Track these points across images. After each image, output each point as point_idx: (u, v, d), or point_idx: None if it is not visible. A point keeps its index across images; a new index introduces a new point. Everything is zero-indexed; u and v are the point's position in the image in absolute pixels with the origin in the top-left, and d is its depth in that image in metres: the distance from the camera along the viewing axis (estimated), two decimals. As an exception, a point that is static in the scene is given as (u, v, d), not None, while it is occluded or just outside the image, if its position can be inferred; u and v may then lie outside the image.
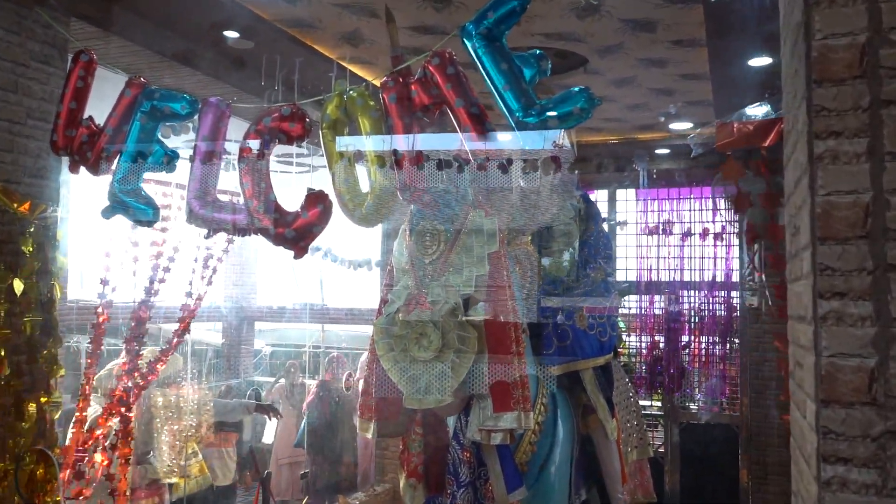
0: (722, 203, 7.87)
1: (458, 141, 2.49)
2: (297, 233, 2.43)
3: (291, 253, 2.52)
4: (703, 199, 8.18)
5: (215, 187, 2.56)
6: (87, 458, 3.85)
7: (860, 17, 1.28)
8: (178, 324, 4.85)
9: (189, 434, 6.26)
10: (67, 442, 3.83)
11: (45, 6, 3.17)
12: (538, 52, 2.24)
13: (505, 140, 2.69)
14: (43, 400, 3.42)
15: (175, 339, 4.99)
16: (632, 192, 8.48)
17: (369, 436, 3.57)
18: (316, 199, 2.41)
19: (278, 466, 7.99)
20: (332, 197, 2.49)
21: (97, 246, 4.48)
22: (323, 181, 3.00)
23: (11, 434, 3.20)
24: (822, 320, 1.26)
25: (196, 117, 2.58)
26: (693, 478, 7.82)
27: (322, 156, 2.66)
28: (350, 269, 8.14)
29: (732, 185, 6.72)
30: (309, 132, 2.42)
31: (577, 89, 2.16)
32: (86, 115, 2.91)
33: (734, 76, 5.14)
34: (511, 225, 3.97)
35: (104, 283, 4.23)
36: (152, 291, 4.21)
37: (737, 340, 8.05)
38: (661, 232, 8.28)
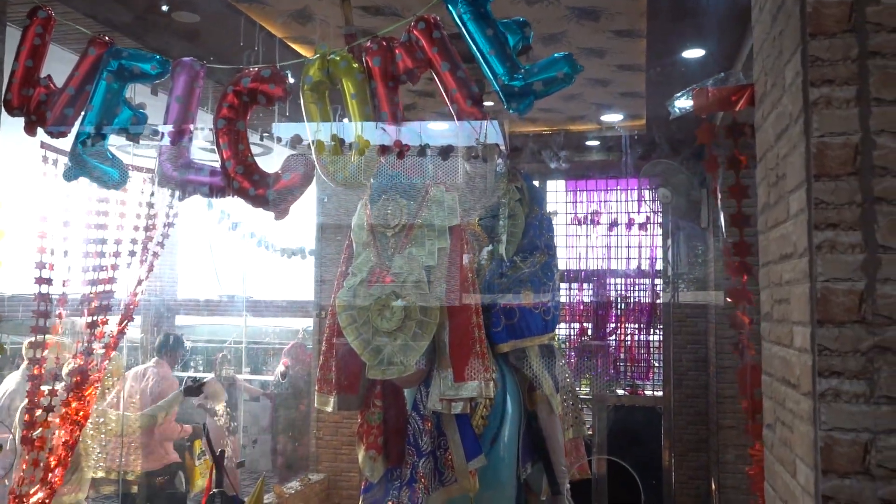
0: (647, 193, 8.23)
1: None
2: (278, 194, 2.42)
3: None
4: (630, 191, 8.53)
5: (189, 150, 2.52)
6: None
7: (850, -24, 1.42)
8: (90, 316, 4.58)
9: (110, 427, 6.06)
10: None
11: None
12: (521, 19, 2.32)
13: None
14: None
15: (118, 332, 4.81)
16: (562, 182, 8.74)
17: (329, 409, 3.57)
18: (297, 162, 2.42)
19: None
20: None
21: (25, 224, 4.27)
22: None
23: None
24: (817, 249, 1.40)
25: (168, 77, 2.53)
26: (620, 457, 8.13)
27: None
28: (283, 258, 8.02)
29: (667, 174, 7.06)
30: (289, 94, 2.42)
31: (560, 55, 2.26)
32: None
33: (668, 68, 5.40)
34: (461, 206, 4.07)
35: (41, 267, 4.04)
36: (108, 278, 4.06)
37: (660, 328, 8.43)
38: (589, 222, 8.57)
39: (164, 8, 4.29)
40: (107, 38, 2.61)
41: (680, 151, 7.41)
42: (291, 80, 2.48)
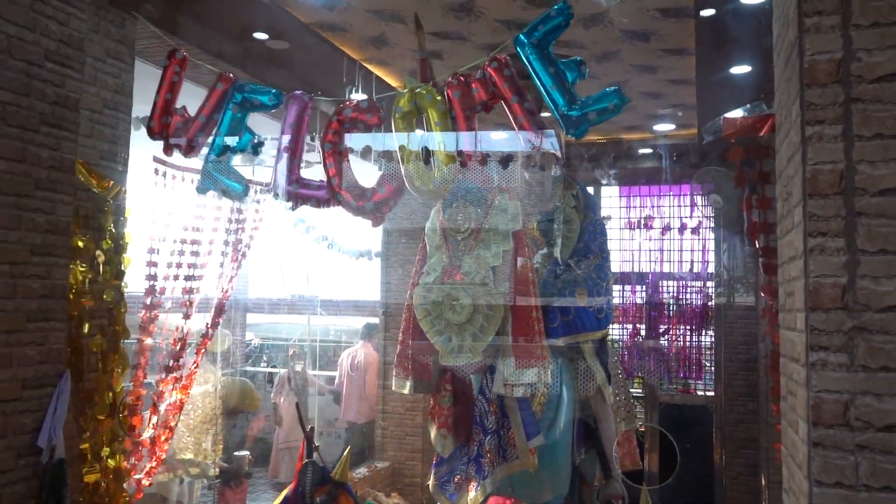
0: (699, 199, 8.51)
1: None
2: (374, 205, 2.91)
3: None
4: (682, 196, 8.81)
5: (299, 168, 3.03)
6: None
7: (837, 41, 1.82)
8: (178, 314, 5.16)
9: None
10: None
11: (142, 12, 3.59)
12: (578, 58, 2.76)
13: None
14: (115, 358, 3.85)
15: (211, 325, 5.42)
16: (616, 189, 9.08)
17: (405, 392, 4.06)
18: (390, 178, 2.90)
19: (279, 450, 8.45)
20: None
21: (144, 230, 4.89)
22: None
23: (98, 388, 3.63)
24: (810, 252, 1.80)
25: (283, 107, 3.05)
26: (672, 454, 8.41)
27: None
28: (353, 259, 8.58)
29: (722, 174, 7.35)
30: (383, 122, 2.91)
31: (611, 89, 2.69)
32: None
33: (717, 82, 5.73)
34: (522, 211, 4.50)
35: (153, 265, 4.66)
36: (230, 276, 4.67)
37: (712, 329, 8.68)
38: (642, 226, 8.89)
39: (261, 36, 4.86)
40: (231, 74, 3.15)
41: (742, 149, 7.68)
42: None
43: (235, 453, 7.28)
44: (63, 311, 3.23)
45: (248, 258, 5.94)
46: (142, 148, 4.33)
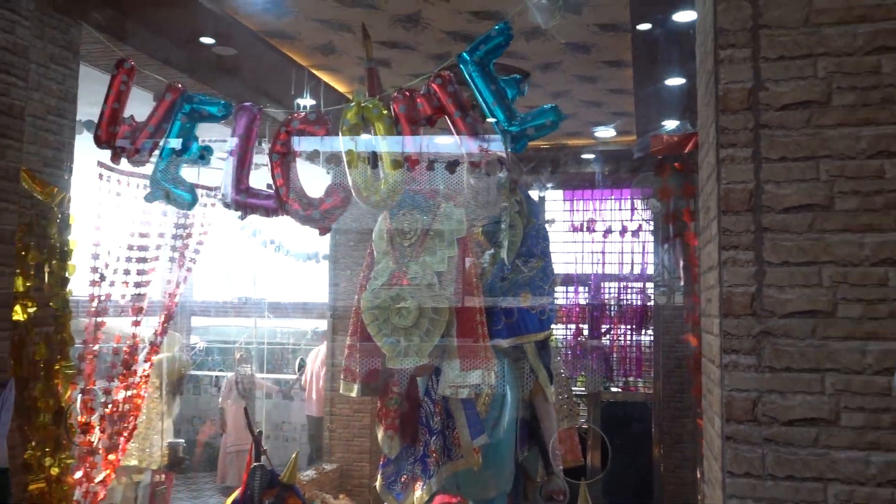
0: (639, 202, 8.84)
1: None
2: (322, 214, 3.00)
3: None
4: (623, 200, 9.13)
5: (248, 177, 3.10)
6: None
7: (748, 71, 2.01)
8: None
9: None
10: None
11: (88, 20, 3.59)
12: (518, 76, 2.90)
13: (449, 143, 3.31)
14: (63, 365, 3.84)
15: (160, 331, 5.41)
16: (559, 193, 9.33)
17: (353, 395, 4.15)
18: (338, 188, 3.00)
19: (227, 454, 8.43)
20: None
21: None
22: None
23: (43, 396, 3.62)
24: (724, 264, 1.98)
25: (232, 118, 3.11)
26: (612, 450, 8.68)
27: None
28: (300, 262, 8.60)
29: (654, 185, 7.65)
30: (330, 133, 3.00)
31: (548, 106, 2.84)
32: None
33: (653, 93, 6.00)
34: (468, 217, 4.64)
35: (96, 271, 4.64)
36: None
37: (651, 328, 9.01)
38: (584, 229, 9.17)
39: (209, 42, 4.88)
40: (179, 84, 3.20)
41: (669, 164, 8.02)
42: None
43: (170, 441, 7.19)
44: (7, 320, 3.22)
45: (195, 263, 5.93)
46: (86, 153, 4.32)
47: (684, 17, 4.42)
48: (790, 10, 2.00)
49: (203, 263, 6.23)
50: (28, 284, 3.55)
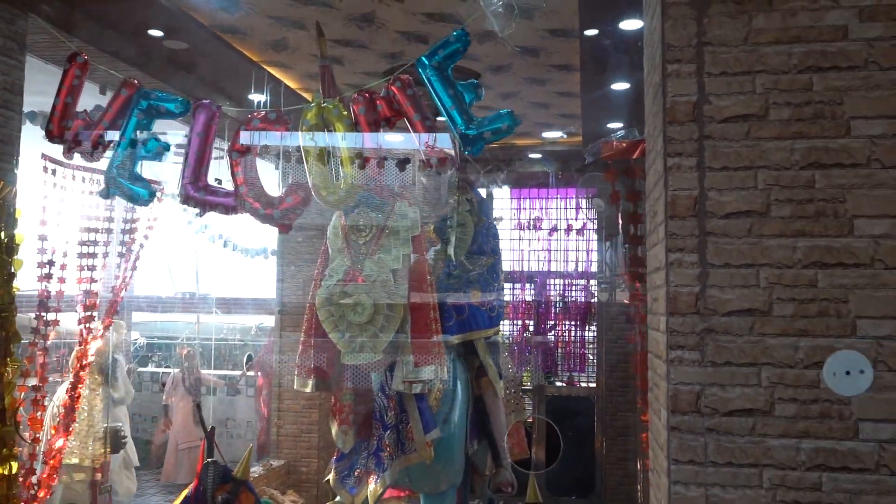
0: (584, 202, 9.08)
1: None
2: (282, 213, 3.03)
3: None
4: (568, 199, 9.35)
5: (206, 175, 3.10)
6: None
7: (693, 85, 2.15)
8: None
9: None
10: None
11: (38, 12, 3.52)
12: (475, 81, 2.99)
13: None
14: (8, 363, 3.76)
15: (105, 326, 5.32)
16: (507, 191, 9.50)
17: (307, 391, 4.19)
18: (298, 187, 3.03)
19: (177, 451, 8.31)
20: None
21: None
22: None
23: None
24: (670, 265, 2.12)
25: (190, 114, 3.11)
26: (556, 443, 8.91)
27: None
28: (248, 258, 8.54)
29: (601, 187, 7.88)
30: (289, 132, 3.04)
31: (504, 112, 2.94)
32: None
33: (599, 96, 6.19)
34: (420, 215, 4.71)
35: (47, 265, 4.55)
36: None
37: (595, 324, 9.26)
38: (531, 227, 9.36)
39: (157, 33, 4.82)
40: (135, 80, 3.18)
41: (617, 169, 8.27)
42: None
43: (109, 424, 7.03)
44: (-46, 316, 3.16)
45: (141, 258, 5.84)
46: (29, 145, 4.23)
47: (630, 25, 4.59)
48: (732, 28, 2.15)
49: (147, 258, 6.15)
50: (-27, 280, 3.47)
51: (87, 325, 5.10)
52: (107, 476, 5.97)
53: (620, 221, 3.94)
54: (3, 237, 3.74)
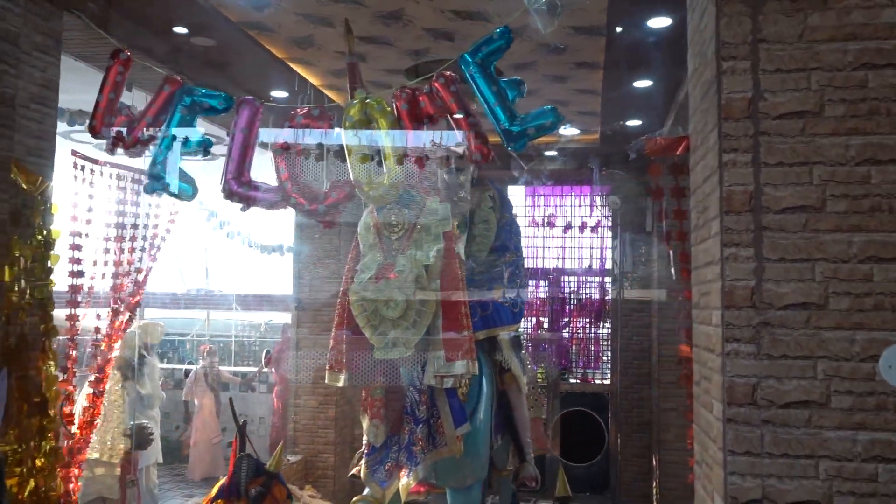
0: (599, 200, 9.10)
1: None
2: (327, 209, 3.06)
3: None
4: (583, 197, 9.37)
5: (249, 170, 3.13)
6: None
7: (748, 82, 2.18)
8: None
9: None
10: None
11: (84, 11, 3.55)
12: (517, 78, 3.02)
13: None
14: (49, 356, 3.81)
15: (127, 321, 5.36)
16: (521, 188, 9.52)
17: (339, 385, 4.22)
18: (341, 183, 3.07)
19: (196, 447, 8.36)
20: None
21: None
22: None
23: (28, 385, 3.58)
24: (725, 260, 2.15)
25: (233, 111, 3.14)
26: (571, 437, 8.94)
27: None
28: (265, 254, 8.57)
29: (616, 184, 7.90)
30: (333, 129, 3.07)
31: (548, 108, 2.97)
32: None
33: (620, 94, 6.22)
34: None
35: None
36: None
37: (609, 321, 9.29)
38: (545, 224, 9.39)
39: (185, 30, 4.86)
40: (178, 77, 3.21)
41: (629, 163, 8.28)
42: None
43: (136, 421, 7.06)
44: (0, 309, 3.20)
45: (160, 253, 5.88)
46: (60, 142, 4.26)
47: (659, 22, 4.62)
48: (787, 26, 2.18)
49: (165, 254, 6.18)
50: (13, 274, 3.50)
51: (113, 321, 5.13)
52: (134, 471, 6.00)
53: (650, 218, 3.95)
54: (42, 233, 3.78)
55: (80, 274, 4.63)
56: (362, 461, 4.67)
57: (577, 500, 7.68)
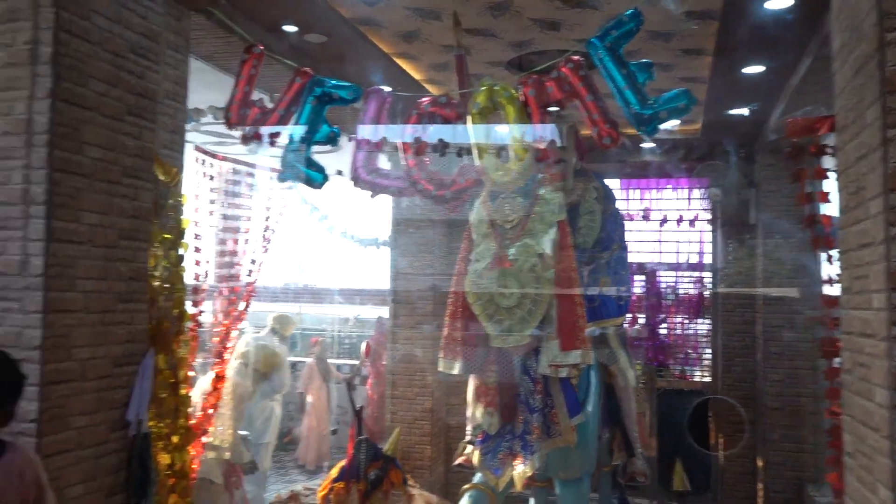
0: (698, 193, 8.85)
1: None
2: (454, 195, 3.11)
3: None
4: (680, 189, 9.13)
5: (377, 159, 3.22)
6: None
7: (916, 53, 2.07)
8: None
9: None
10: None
11: (218, 8, 3.73)
12: (647, 61, 2.98)
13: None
14: (179, 340, 4.01)
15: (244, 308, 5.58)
16: (616, 181, 9.36)
17: (454, 373, 4.27)
18: (468, 169, 3.11)
19: (309, 437, 8.66)
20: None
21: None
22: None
23: (165, 369, 3.78)
24: (892, 240, 2.05)
25: (361, 101, 3.23)
26: (670, 438, 8.74)
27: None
28: (362, 248, 8.75)
29: (719, 174, 7.68)
30: (460, 117, 3.11)
31: (681, 90, 2.92)
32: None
33: (727, 81, 6.03)
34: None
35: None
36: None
37: (707, 316, 9.02)
38: (641, 218, 9.19)
39: (297, 28, 5.01)
40: (308, 69, 3.32)
41: (731, 155, 8.02)
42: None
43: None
44: (144, 293, 3.39)
45: (271, 245, 6.09)
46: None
47: (777, 3, 4.46)
48: (957, -6, 2.06)
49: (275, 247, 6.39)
50: (156, 261, 3.70)
51: (230, 310, 5.35)
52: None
53: (752, 210, 3.79)
54: (177, 222, 3.98)
55: (201, 263, 4.85)
56: (468, 450, 4.72)
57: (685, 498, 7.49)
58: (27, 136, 2.84)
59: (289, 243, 9.21)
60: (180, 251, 4.08)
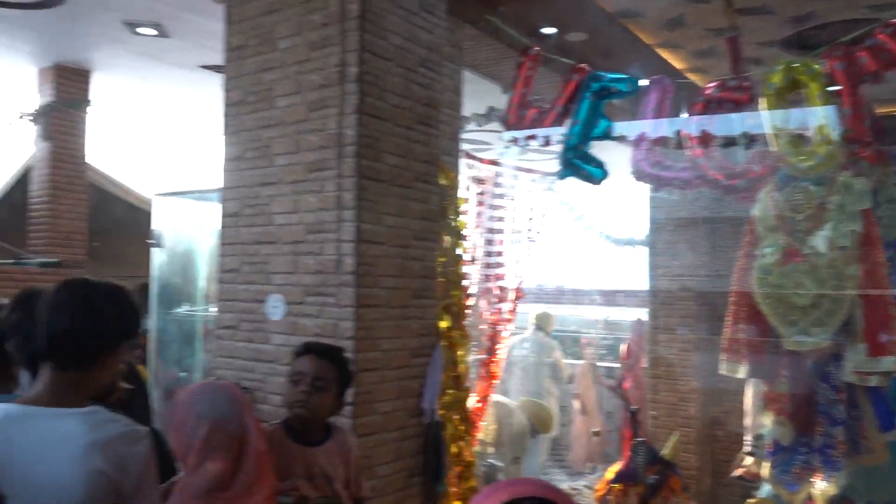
0: None
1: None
2: (748, 183, 2.91)
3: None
4: None
5: (660, 152, 3.11)
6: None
7: None
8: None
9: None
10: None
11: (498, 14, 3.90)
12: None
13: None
14: (459, 335, 4.21)
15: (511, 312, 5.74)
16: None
17: (739, 376, 3.99)
18: (764, 155, 2.88)
19: (583, 438, 8.73)
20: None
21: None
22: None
23: (447, 360, 4.00)
24: None
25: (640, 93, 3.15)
26: None
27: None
28: (617, 247, 8.58)
29: None
30: (753, 101, 2.89)
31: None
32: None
33: None
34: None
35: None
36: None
37: None
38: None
39: (552, 30, 5.04)
40: (584, 65, 3.31)
41: None
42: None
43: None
44: (434, 290, 3.61)
45: (535, 245, 6.19)
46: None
47: None
48: None
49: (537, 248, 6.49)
50: (441, 260, 3.93)
51: (499, 309, 5.52)
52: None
53: None
54: (456, 223, 4.20)
55: (468, 264, 5.06)
56: (747, 461, 4.37)
57: None
58: (338, 149, 3.16)
59: (549, 244, 9.32)
60: (458, 251, 4.30)
